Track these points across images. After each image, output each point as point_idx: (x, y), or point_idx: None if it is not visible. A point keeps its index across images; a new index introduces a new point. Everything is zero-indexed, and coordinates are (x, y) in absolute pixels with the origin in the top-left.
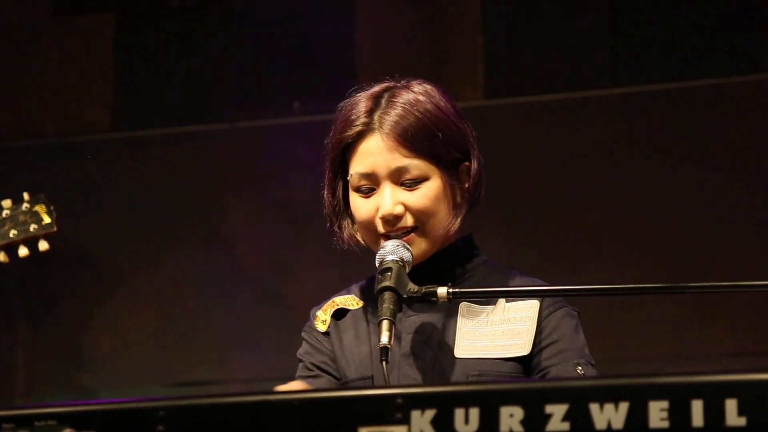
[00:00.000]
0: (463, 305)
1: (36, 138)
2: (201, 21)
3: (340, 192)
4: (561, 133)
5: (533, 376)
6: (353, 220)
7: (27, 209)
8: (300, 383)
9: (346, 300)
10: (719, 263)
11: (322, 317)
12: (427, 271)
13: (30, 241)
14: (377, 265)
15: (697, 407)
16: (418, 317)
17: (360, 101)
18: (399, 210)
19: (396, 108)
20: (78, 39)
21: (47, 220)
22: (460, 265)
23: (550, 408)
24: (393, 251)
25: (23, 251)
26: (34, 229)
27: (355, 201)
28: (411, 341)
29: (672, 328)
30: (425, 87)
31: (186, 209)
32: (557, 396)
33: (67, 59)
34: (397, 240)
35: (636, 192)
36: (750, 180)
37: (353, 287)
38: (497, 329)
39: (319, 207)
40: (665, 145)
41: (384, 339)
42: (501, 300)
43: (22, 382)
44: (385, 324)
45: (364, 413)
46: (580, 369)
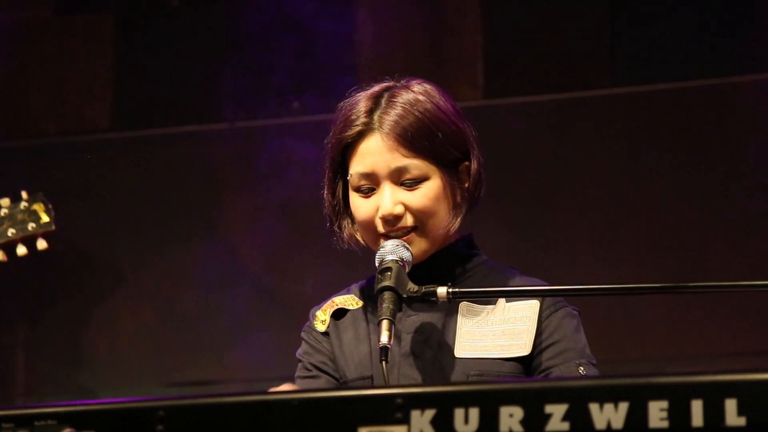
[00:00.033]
0: (463, 305)
1: (36, 137)
2: (201, 21)
3: (340, 192)
4: (561, 133)
5: (535, 376)
6: (353, 219)
7: (25, 208)
8: (291, 386)
9: (345, 300)
10: (719, 263)
11: (321, 317)
12: (427, 271)
13: (28, 240)
14: (377, 265)
15: (697, 407)
16: (417, 317)
17: (360, 101)
18: (399, 210)
19: (396, 108)
20: (78, 39)
21: (45, 218)
22: (460, 265)
23: (549, 408)
24: (393, 251)
25: (21, 250)
26: (32, 228)
27: (355, 201)
28: (411, 341)
29: (672, 328)
30: (425, 87)
31: (185, 209)
32: (557, 396)
33: (67, 59)
34: (397, 240)
35: (636, 192)
36: (749, 180)
37: (353, 287)
38: (497, 329)
39: (319, 207)
40: (665, 145)
41: (384, 339)
42: (501, 300)
43: (21, 381)
44: (385, 324)
45: (363, 413)
46: (582, 369)
